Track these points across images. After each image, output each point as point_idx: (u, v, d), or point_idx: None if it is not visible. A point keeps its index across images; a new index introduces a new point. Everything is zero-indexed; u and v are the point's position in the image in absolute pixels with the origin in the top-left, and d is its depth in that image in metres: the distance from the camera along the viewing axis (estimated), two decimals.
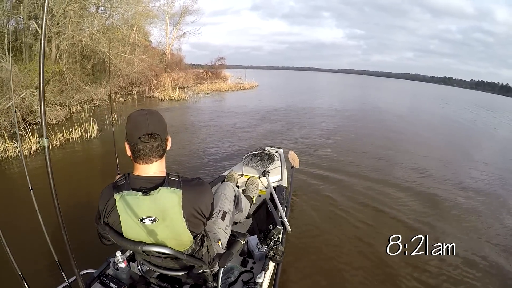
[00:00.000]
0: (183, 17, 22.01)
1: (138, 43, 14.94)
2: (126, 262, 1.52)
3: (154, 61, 15.82)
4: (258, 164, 3.20)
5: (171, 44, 21.64)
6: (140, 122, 1.07)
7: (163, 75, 15.28)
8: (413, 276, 2.40)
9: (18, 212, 3.01)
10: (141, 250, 1.12)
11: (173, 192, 1.07)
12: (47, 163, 0.69)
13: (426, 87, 64.71)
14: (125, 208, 1.08)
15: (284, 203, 2.58)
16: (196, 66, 26.62)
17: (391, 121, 9.99)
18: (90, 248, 1.89)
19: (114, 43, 11.54)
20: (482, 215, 3.58)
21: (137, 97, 12.07)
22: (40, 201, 1.52)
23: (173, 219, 1.09)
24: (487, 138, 9.38)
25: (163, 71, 16.53)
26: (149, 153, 1.09)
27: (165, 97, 12.00)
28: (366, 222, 3.20)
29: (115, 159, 2.13)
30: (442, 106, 18.74)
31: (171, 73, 16.41)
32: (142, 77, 12.96)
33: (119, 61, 11.72)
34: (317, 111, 10.94)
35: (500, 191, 4.42)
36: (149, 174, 1.12)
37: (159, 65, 17.32)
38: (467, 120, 12.70)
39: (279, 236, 1.60)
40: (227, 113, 9.25)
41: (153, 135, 1.08)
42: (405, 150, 6.38)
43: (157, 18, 17.80)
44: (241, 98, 14.12)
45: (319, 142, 6.45)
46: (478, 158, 6.43)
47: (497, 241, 3.03)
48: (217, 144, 5.74)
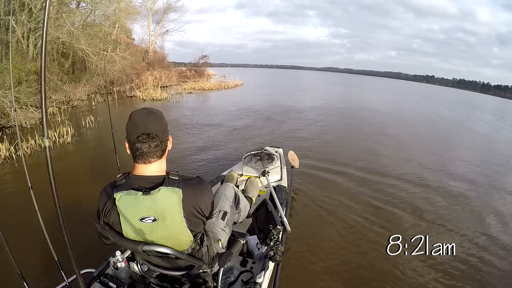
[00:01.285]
0: (166, 14, 21.74)
1: (119, 41, 14.65)
2: (125, 261, 1.52)
3: (136, 59, 15.57)
4: (258, 164, 3.21)
5: (154, 42, 21.34)
6: (139, 122, 1.07)
7: (145, 74, 14.98)
8: (413, 276, 2.42)
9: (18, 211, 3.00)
10: (141, 250, 1.12)
11: (173, 191, 1.07)
12: (48, 163, 0.71)
13: (409, 85, 65.80)
14: (125, 207, 1.08)
15: (284, 203, 2.60)
16: (179, 64, 26.24)
17: (383, 120, 10.33)
18: (90, 247, 1.89)
19: (94, 40, 11.18)
20: (482, 214, 3.62)
21: (117, 96, 11.72)
22: (40, 201, 1.54)
23: (173, 218, 1.10)
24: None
25: (145, 69, 16.25)
26: (147, 153, 1.08)
27: (146, 96, 11.76)
28: (366, 222, 3.21)
29: (115, 158, 2.20)
30: (445, 109, 18.76)
31: (153, 72, 16.08)
32: (123, 76, 12.63)
33: (99, 59, 11.40)
34: (306, 110, 10.95)
35: (501, 189, 4.55)
36: (148, 173, 1.12)
37: (141, 63, 17.06)
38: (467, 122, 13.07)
39: (279, 236, 1.61)
40: (211, 114, 9.10)
41: (151, 135, 1.07)
42: (405, 148, 6.59)
43: (139, 15, 17.55)
44: (225, 97, 14.02)
45: (314, 141, 6.54)
46: (478, 155, 6.66)
47: (497, 240, 3.05)
48: (203, 147, 5.60)
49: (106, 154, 4.58)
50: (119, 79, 12.60)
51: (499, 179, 5.15)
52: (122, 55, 12.54)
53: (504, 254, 2.84)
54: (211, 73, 23.63)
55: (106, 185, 1.16)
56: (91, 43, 10.72)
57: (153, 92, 12.26)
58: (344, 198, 3.73)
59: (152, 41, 21.35)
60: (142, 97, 11.64)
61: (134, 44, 19.60)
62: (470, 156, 6.55)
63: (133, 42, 19.66)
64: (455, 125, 11.65)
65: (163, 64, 20.03)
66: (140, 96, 11.74)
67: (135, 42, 20.43)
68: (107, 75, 11.67)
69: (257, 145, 4.48)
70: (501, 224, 3.43)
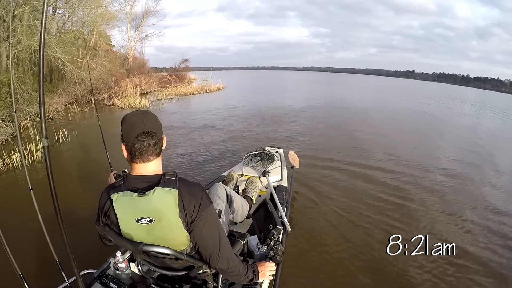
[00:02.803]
0: (145, 19, 21.56)
1: (97, 47, 14.40)
2: (126, 262, 1.51)
3: (115, 66, 15.28)
4: (258, 164, 3.20)
5: (133, 47, 21.11)
6: (136, 122, 1.08)
7: (124, 81, 14.69)
8: (413, 276, 2.43)
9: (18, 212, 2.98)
10: (141, 251, 1.12)
11: (168, 192, 1.07)
12: (47, 164, 0.71)
13: (390, 81, 67.29)
14: (121, 208, 1.09)
15: (284, 203, 2.60)
16: (161, 69, 26.07)
17: (373, 117, 10.72)
18: (90, 248, 1.88)
19: (69, 47, 10.88)
20: (482, 213, 3.64)
21: (95, 106, 11.11)
22: (40, 201, 1.55)
23: (169, 219, 1.09)
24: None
25: (125, 76, 15.97)
26: (147, 152, 1.10)
27: (125, 104, 11.46)
28: (367, 222, 3.23)
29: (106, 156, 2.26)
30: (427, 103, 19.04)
31: (132, 78, 15.83)
32: (101, 84, 12.35)
33: (76, 67, 11.08)
34: (291, 111, 10.99)
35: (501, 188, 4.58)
36: (146, 173, 1.13)
37: (121, 69, 16.77)
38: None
39: (279, 236, 1.61)
40: (192, 121, 8.86)
41: (150, 133, 1.09)
42: (405, 147, 6.70)
43: (117, 20, 17.30)
44: (207, 102, 13.93)
45: (309, 141, 6.66)
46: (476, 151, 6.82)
47: (497, 240, 3.07)
48: (190, 153, 5.59)
49: (76, 175, 4.53)
50: (97, 87, 12.30)
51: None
52: (100, 62, 12.32)
53: (505, 252, 2.86)
54: (193, 77, 23.52)
55: (107, 186, 1.18)
56: (67, 50, 10.41)
57: (132, 100, 11.92)
58: (345, 197, 3.77)
59: (132, 46, 21.14)
60: (121, 105, 11.31)
61: (114, 51, 19.36)
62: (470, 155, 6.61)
63: (112, 49, 19.42)
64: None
65: (143, 70, 19.74)
66: (118, 105, 11.42)
67: (115, 48, 20.20)
68: (84, 84, 11.34)
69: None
70: (503, 223, 3.43)
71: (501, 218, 3.53)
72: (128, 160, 1.14)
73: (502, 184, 4.73)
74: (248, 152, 3.41)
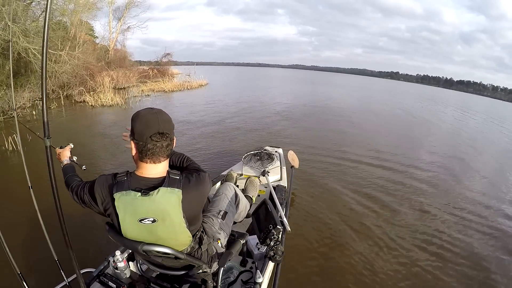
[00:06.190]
0: (128, 10, 20.80)
1: (70, 38, 13.59)
2: (125, 261, 1.51)
3: (92, 58, 14.42)
4: (258, 164, 3.23)
5: (115, 39, 20.37)
6: (150, 121, 1.07)
7: (100, 75, 13.79)
8: (414, 276, 2.45)
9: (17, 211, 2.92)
10: (141, 250, 1.12)
11: (172, 192, 1.06)
12: (49, 163, 0.73)
13: (375, 81, 68.90)
14: (123, 208, 1.08)
15: (284, 203, 2.61)
16: (144, 63, 25.16)
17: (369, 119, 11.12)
18: (89, 247, 1.93)
19: (39, 37, 9.64)
20: (481, 212, 3.78)
21: (64, 103, 10.43)
22: (40, 200, 1.57)
23: (173, 219, 1.09)
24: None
25: (103, 70, 15.16)
26: (159, 152, 1.09)
27: (95, 102, 10.51)
28: (367, 222, 3.26)
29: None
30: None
31: (110, 72, 15.12)
32: (72, 78, 11.52)
33: (48, 59, 10.25)
34: (280, 112, 10.83)
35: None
36: (155, 172, 1.11)
37: (100, 62, 16.06)
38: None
39: (279, 236, 1.63)
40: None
41: (165, 134, 1.08)
42: (404, 146, 7.08)
43: (98, 10, 16.52)
44: (188, 99, 13.38)
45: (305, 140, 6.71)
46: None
47: (497, 239, 3.20)
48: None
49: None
50: (69, 81, 11.51)
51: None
52: (73, 54, 11.55)
53: (501, 251, 2.96)
54: (175, 72, 22.90)
55: (108, 175, 1.15)
56: (34, 41, 9.52)
57: (103, 97, 10.83)
58: (345, 197, 3.80)
59: (113, 38, 20.40)
60: (92, 103, 10.43)
61: (94, 42, 18.56)
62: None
63: (91, 39, 18.60)
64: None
65: (124, 63, 19.00)
66: (89, 102, 10.57)
67: (96, 40, 19.40)
68: (55, 78, 10.66)
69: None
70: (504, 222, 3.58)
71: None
72: (135, 158, 1.12)
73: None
74: (248, 151, 3.44)
